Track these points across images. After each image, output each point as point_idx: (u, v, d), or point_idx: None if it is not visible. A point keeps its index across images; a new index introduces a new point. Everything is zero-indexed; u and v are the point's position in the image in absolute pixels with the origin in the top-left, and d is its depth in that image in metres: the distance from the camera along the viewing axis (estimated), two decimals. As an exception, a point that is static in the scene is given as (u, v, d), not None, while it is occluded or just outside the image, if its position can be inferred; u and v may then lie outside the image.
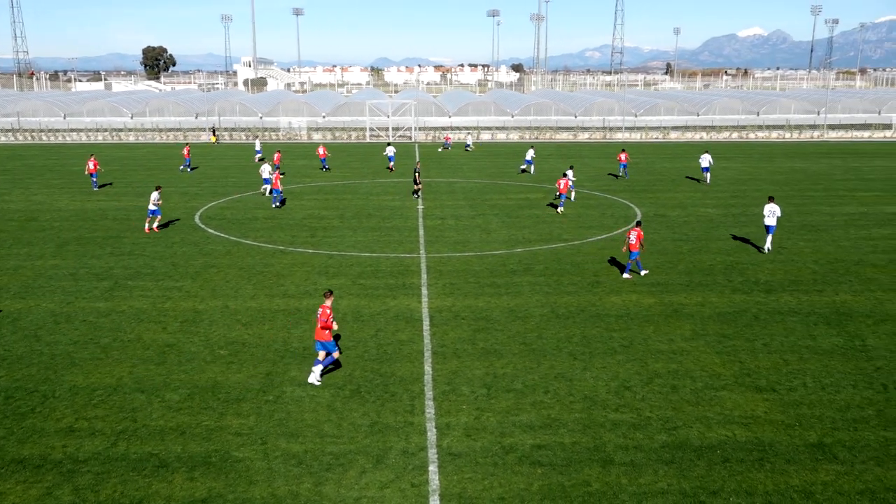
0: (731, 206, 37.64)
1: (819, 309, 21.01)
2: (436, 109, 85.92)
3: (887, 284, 23.40)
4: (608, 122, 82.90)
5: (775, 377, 16.36)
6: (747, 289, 22.91)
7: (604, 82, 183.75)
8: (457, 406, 14.98)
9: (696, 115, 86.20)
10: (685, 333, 19.07)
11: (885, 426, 14.12)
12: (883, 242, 29.20)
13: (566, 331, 19.22)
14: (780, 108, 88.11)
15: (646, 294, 22.33)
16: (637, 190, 42.65)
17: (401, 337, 18.78)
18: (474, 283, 23.47)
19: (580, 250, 27.84)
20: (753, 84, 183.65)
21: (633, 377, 16.34)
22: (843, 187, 43.93)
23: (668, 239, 29.79)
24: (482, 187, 43.78)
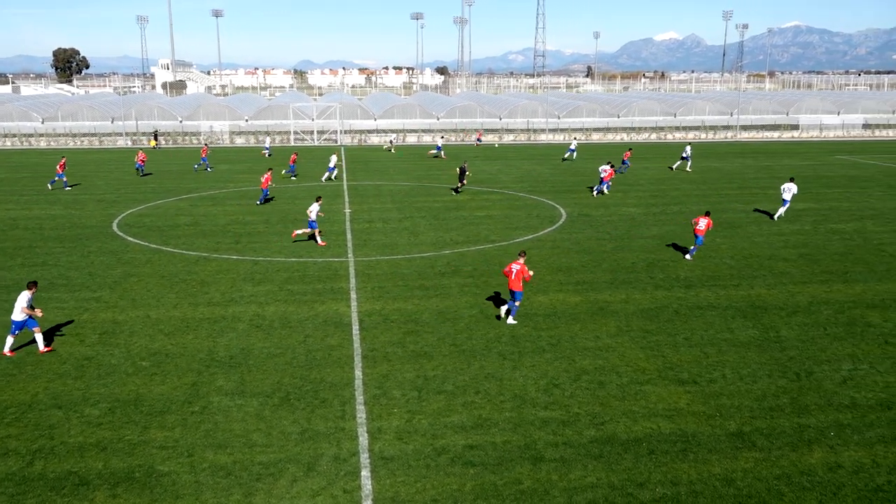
0: (651, 205, 38.73)
1: (736, 303, 21.83)
2: (361, 112, 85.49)
3: (798, 278, 24.50)
4: (532, 124, 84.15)
5: (696, 370, 16.91)
6: (668, 285, 23.61)
7: (527, 85, 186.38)
8: (388, 410, 14.93)
9: (617, 117, 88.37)
10: (610, 330, 19.51)
11: (799, 413, 14.77)
12: (793, 238, 30.56)
13: (495, 331, 19.39)
14: (695, 110, 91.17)
15: (572, 293, 22.75)
16: (561, 190, 43.42)
17: (330, 342, 18.60)
18: (403, 285, 23.44)
19: (507, 251, 28.14)
20: (670, 86, 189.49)
21: (561, 375, 16.62)
22: (756, 185, 45.77)
23: (593, 238, 30.43)
24: (409, 190, 43.79)
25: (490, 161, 59.12)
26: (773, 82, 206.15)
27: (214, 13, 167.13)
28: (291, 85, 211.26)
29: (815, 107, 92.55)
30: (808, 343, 18.61)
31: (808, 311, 21.04)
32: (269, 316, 20.54)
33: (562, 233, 31.52)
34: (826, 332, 19.36)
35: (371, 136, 78.96)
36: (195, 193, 42.57)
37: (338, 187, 44.74)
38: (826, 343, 18.61)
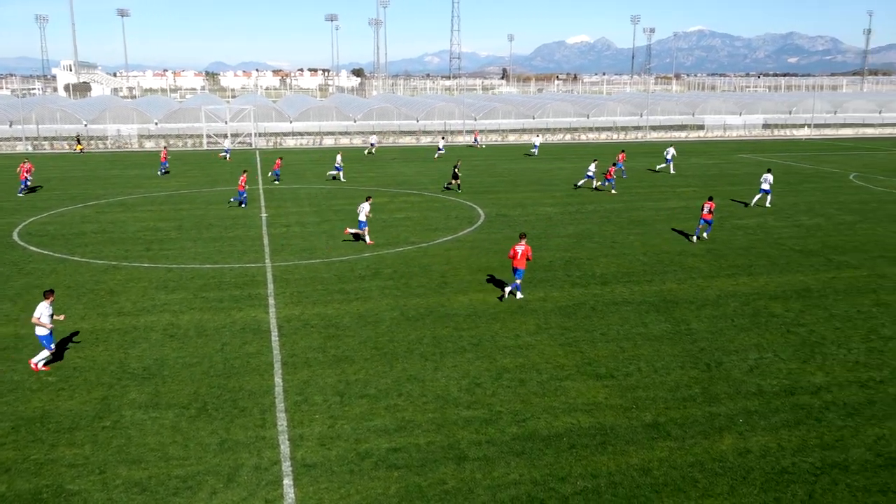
0: (567, 204, 39.53)
1: (649, 298, 22.53)
2: (276, 115, 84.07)
3: (706, 272, 25.48)
4: (449, 126, 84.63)
5: (613, 364, 17.36)
6: (585, 282, 24.16)
7: (444, 87, 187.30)
8: (310, 416, 14.73)
9: (532, 118, 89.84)
10: (530, 328, 19.81)
11: (710, 402, 15.36)
12: (701, 233, 31.72)
13: (417, 332, 19.41)
14: (607, 111, 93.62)
15: (491, 292, 22.99)
16: (479, 191, 43.83)
17: (248, 349, 18.22)
18: (323, 290, 23.18)
19: (427, 252, 28.21)
20: (583, 88, 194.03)
21: (482, 374, 16.77)
22: (665, 184, 47.34)
23: (511, 238, 30.81)
24: (327, 193, 43.35)
25: (408, 163, 59.15)
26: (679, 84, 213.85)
27: (120, 13, 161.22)
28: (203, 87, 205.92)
29: (719, 108, 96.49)
30: (717, 334, 19.37)
31: (717, 304, 21.91)
32: (183, 324, 19.95)
33: (480, 233, 31.82)
34: (733, 324, 20.20)
35: (287, 138, 77.77)
36: (102, 200, 40.96)
37: (252, 191, 43.86)
38: (733, 334, 19.41)
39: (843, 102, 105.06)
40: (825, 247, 29.23)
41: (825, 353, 18.14)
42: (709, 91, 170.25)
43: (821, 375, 16.75)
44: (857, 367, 17.27)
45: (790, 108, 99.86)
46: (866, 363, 17.48)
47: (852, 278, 24.73)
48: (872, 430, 14.17)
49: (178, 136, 76.48)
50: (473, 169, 55.22)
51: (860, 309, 21.51)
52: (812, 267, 26.18)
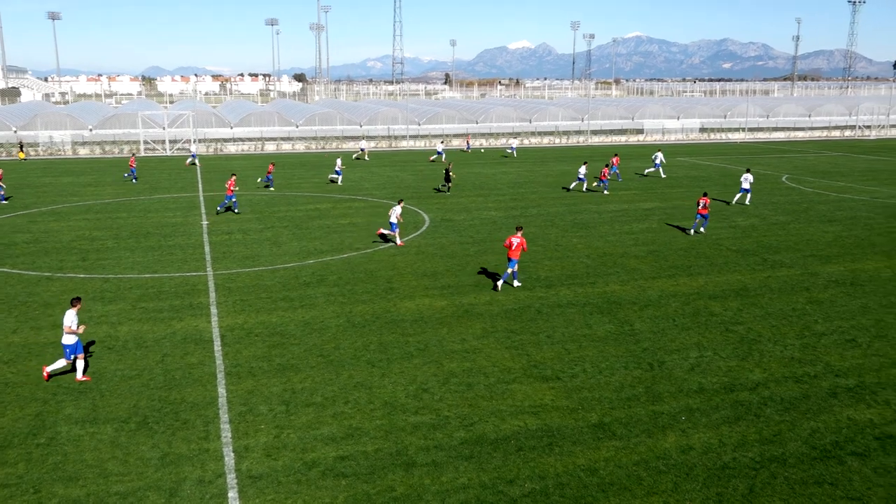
0: (511, 208, 39.86)
1: (593, 299, 22.86)
2: (216, 120, 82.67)
3: (648, 273, 25.99)
4: (393, 131, 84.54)
5: (559, 366, 17.55)
6: (530, 285, 24.37)
7: (386, 92, 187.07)
8: (255, 427, 14.49)
9: (476, 123, 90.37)
10: (476, 332, 19.89)
11: (653, 401, 15.66)
12: (642, 236, 32.39)
13: (363, 339, 19.29)
14: (549, 116, 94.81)
15: (438, 297, 23.01)
16: (424, 197, 43.85)
17: (190, 360, 17.83)
18: (266, 298, 22.86)
19: (372, 258, 28.09)
20: (525, 93, 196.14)
21: (430, 379, 16.75)
22: (608, 187, 48.10)
23: (456, 242, 30.92)
24: (269, 199, 42.80)
25: (352, 168, 58.84)
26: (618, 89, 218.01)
27: (51, 15, 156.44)
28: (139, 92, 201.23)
29: (658, 112, 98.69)
30: (660, 334, 19.77)
31: (658, 305, 22.36)
32: (122, 336, 19.41)
33: (426, 238, 31.83)
34: (675, 324, 20.64)
35: (228, 144, 76.53)
36: (34, 209, 39.61)
37: (193, 198, 43.02)
38: (675, 333, 19.84)
39: (774, 107, 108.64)
40: (760, 247, 30.13)
41: (762, 350, 18.67)
42: (647, 96, 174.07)
43: (759, 372, 17.24)
44: (793, 363, 17.83)
45: (725, 113, 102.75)
46: (801, 359, 18.06)
47: (786, 277, 25.54)
48: (808, 424, 14.64)
49: (114, 143, 74.51)
50: (418, 174, 55.24)
51: (794, 307, 22.22)
52: (748, 266, 26.95)
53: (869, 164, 62.74)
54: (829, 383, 16.61)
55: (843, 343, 19.17)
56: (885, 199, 42.41)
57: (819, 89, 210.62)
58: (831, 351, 18.60)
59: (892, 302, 22.66)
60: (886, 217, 36.85)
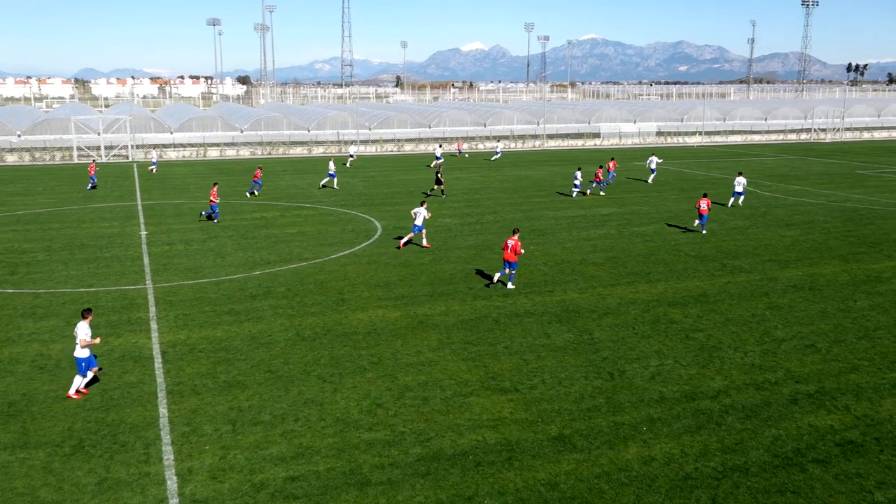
0: (466, 215, 40.01)
1: (551, 308, 23.04)
2: (155, 125, 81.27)
3: (607, 280, 26.31)
4: (343, 136, 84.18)
5: (517, 377, 17.63)
6: (487, 295, 24.47)
7: (336, 95, 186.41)
8: (199, 448, 14.22)
9: (429, 127, 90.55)
10: (432, 344, 19.87)
11: (614, 412, 15.83)
12: (600, 242, 32.81)
13: (313, 353, 19.12)
14: (504, 120, 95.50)
15: (391, 308, 22.94)
16: (376, 203, 43.74)
17: (129, 379, 17.43)
18: (211, 311, 22.50)
19: (322, 268, 27.89)
20: (479, 96, 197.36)
21: (384, 394, 16.67)
22: (565, 192, 48.63)
23: (410, 251, 30.88)
24: (213, 208, 42.15)
25: (300, 175, 58.42)
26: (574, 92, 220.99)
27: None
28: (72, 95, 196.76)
29: (614, 116, 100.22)
30: (619, 343, 20.01)
31: (618, 312, 22.65)
32: (55, 355, 18.89)
33: (378, 247, 31.74)
34: (634, 332, 20.93)
35: (168, 150, 75.27)
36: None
37: (131, 207, 42.19)
38: (635, 342, 20.11)
39: (731, 110, 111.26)
40: (720, 252, 30.77)
41: (723, 357, 19.04)
42: (604, 99, 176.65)
43: (719, 380, 17.57)
44: (753, 369, 18.22)
45: (682, 116, 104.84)
46: (761, 365, 18.46)
47: (746, 282, 26.11)
48: (769, 432, 14.96)
49: (44, 149, 72.65)
50: (370, 180, 55.12)
51: (754, 312, 22.73)
52: (708, 272, 27.48)
53: (825, 167, 64.63)
54: (789, 390, 17.01)
55: (802, 349, 19.66)
56: (841, 203, 43.71)
57: (775, 92, 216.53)
58: (791, 357, 19.06)
59: (850, 306, 23.34)
60: (843, 221, 37.98)
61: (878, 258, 29.69)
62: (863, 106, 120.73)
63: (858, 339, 20.33)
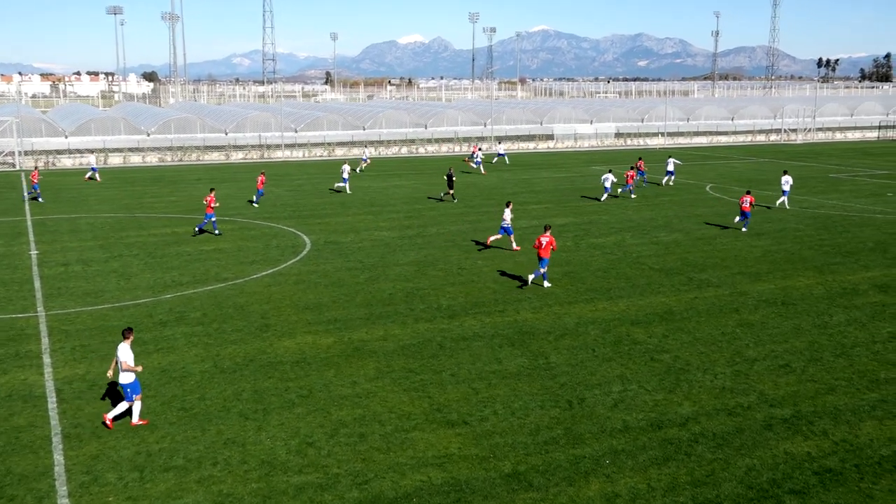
0: (406, 227, 40.06)
1: (502, 330, 23.18)
2: (47, 128, 79.39)
3: (563, 298, 26.61)
4: (265, 139, 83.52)
5: (466, 409, 17.66)
6: (430, 316, 24.49)
7: (257, 93, 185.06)
8: (101, 499, 13.85)
9: (363, 129, 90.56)
10: (369, 373, 19.79)
11: (574, 444, 15.97)
12: (556, 255, 33.13)
13: (234, 387, 18.86)
14: (447, 121, 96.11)
15: (322, 334, 22.78)
16: (303, 215, 43.48)
17: (17, 422, 16.90)
18: (113, 342, 21.97)
19: (243, 290, 27.57)
20: (419, 94, 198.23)
21: (315, 431, 16.52)
22: (515, 200, 49.08)
23: (343, 268, 30.77)
24: (116, 223, 41.36)
25: (217, 184, 57.75)
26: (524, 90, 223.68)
27: None
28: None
29: (569, 115, 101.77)
30: (578, 367, 20.23)
31: (576, 333, 22.91)
32: (-72, 396, 18.20)
33: (307, 264, 31.54)
34: (595, 354, 21.19)
35: (62, 157, 73.57)
36: None
37: (18, 223, 41.06)
38: (595, 365, 20.36)
39: (695, 109, 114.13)
40: (685, 264, 31.42)
41: (691, 380, 19.41)
42: (557, 97, 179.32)
43: (688, 405, 17.89)
44: (724, 393, 18.61)
45: (642, 116, 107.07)
46: (733, 388, 18.87)
47: (714, 297, 26.71)
48: (743, 462, 15.28)
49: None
50: (296, 190, 54.79)
51: (724, 330, 23.25)
52: (673, 287, 28.03)
53: (796, 170, 66.64)
54: (763, 414, 17.42)
55: (776, 369, 20.18)
56: (814, 209, 45.13)
57: (741, 89, 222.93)
58: (764, 378, 19.53)
59: (826, 322, 24.06)
60: (816, 228, 39.21)
61: (854, 269, 30.71)
62: (835, 104, 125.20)
63: (835, 358, 20.96)
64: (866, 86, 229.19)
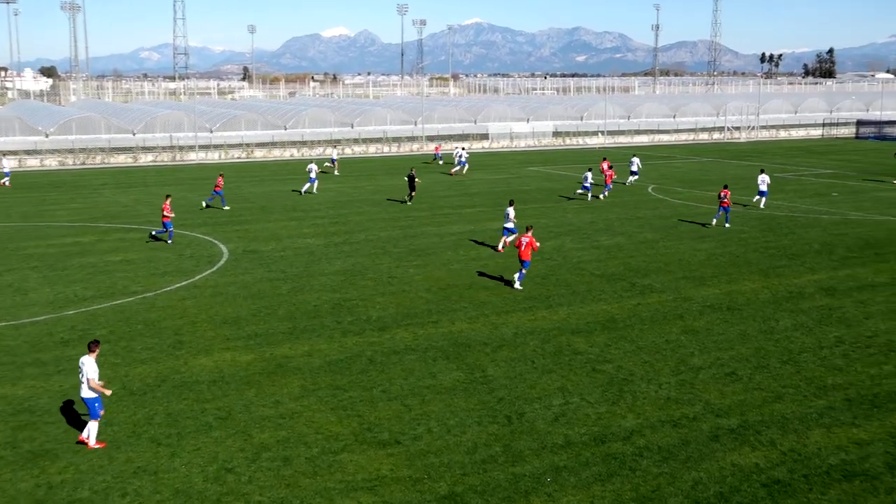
0: (332, 234, 39.85)
1: (437, 342, 23.22)
2: (-71, 129, 76.81)
3: (500, 307, 26.79)
4: (177, 140, 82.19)
5: (398, 427, 17.63)
6: (359, 329, 24.40)
7: (168, 90, 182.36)
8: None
9: (284, 129, 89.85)
10: (293, 391, 19.61)
11: (513, 462, 16.07)
12: (492, 262, 33.41)
13: (145, 410, 18.50)
14: (375, 119, 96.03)
15: (242, 350, 22.51)
16: (220, 222, 42.93)
17: None
18: (9, 364, 21.43)
19: (154, 304, 27.09)
20: (345, 91, 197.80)
21: (235, 456, 16.30)
22: (448, 204, 49.33)
23: (264, 279, 30.46)
24: (10, 233, 40.24)
25: (124, 190, 56.63)
26: (457, 86, 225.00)
27: None
28: None
29: (504, 113, 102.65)
30: (517, 380, 20.38)
31: (514, 344, 23.08)
32: None
33: (224, 275, 31.15)
34: (534, 366, 21.37)
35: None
36: None
37: None
38: (535, 378, 20.53)
39: (636, 106, 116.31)
40: (628, 270, 31.94)
41: (635, 391, 19.72)
42: (492, 94, 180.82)
43: (632, 418, 18.17)
44: (669, 404, 18.96)
45: (581, 114, 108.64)
46: (678, 399, 19.24)
47: (658, 304, 27.21)
48: (689, 475, 15.57)
49: None
50: (208, 194, 54.04)
51: (668, 338, 23.69)
52: (615, 294, 28.46)
53: (741, 170, 68.48)
54: (709, 425, 17.79)
55: (722, 377, 20.64)
56: (758, 210, 46.34)
57: (683, 86, 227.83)
58: (710, 387, 19.96)
59: (772, 327, 24.72)
60: (761, 230, 40.27)
61: (799, 271, 31.63)
62: (779, 101, 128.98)
63: (782, 364, 21.54)
64: (810, 82, 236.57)
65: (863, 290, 28.67)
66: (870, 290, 28.79)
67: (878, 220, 43.18)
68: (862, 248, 35.86)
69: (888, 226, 41.35)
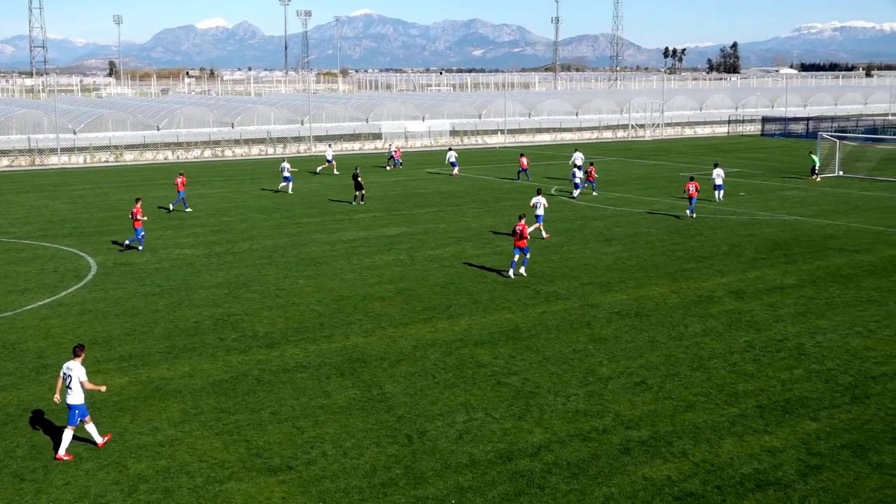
0: (213, 243, 39.23)
1: (330, 358, 23.12)
2: None
3: (398, 318, 26.85)
4: (36, 142, 79.59)
5: (290, 451, 17.48)
6: (245, 346, 24.11)
7: (24, 87, 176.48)
8: None
9: (157, 130, 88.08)
10: (173, 417, 19.25)
11: (415, 484, 16.13)
12: (388, 270, 33.45)
13: (5, 443, 17.96)
14: (258, 118, 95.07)
15: (115, 373, 21.98)
16: (87, 232, 41.79)
17: None
18: None
19: (14, 325, 26.22)
20: (223, 88, 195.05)
21: (109, 489, 15.90)
22: (339, 209, 49.15)
23: (138, 294, 29.80)
24: None
25: (27, 195, 54.48)
26: (347, 82, 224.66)
27: None
28: None
29: (398, 112, 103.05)
30: (418, 396, 20.46)
31: (414, 359, 23.17)
32: None
33: (93, 291, 30.36)
34: (435, 381, 21.50)
35: None
36: None
37: None
38: (437, 394, 20.65)
39: (537, 103, 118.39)
40: (532, 276, 32.43)
41: (542, 404, 20.04)
42: (384, 91, 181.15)
43: (539, 433, 18.46)
44: (578, 416, 19.33)
45: (480, 111, 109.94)
46: (586, 411, 19.64)
47: (564, 311, 27.72)
48: (600, 491, 15.91)
49: None
50: (77, 202, 52.54)
51: (575, 347, 24.17)
52: (519, 302, 28.86)
53: (646, 169, 70.35)
54: (620, 438, 18.22)
55: (632, 387, 21.16)
56: (665, 212, 47.69)
57: (586, 81, 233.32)
58: (620, 398, 20.44)
59: (682, 333, 25.48)
60: (668, 232, 41.46)
61: (708, 274, 32.70)
62: (683, 97, 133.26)
63: (692, 371, 22.23)
64: (714, 77, 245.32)
65: (772, 293, 29.84)
66: (779, 292, 29.97)
67: (785, 219, 45.00)
68: (770, 248, 37.31)
69: (794, 226, 43.14)
